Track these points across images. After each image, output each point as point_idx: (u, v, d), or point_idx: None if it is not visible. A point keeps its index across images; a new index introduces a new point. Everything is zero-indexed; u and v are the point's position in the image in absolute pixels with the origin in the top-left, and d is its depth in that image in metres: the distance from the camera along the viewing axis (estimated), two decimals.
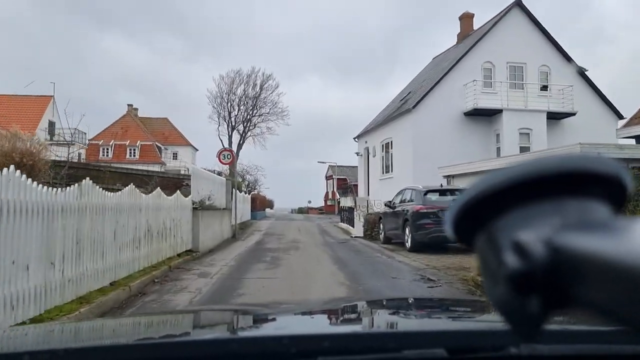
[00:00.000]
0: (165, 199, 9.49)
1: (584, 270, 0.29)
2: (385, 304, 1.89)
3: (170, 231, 9.80)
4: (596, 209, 0.35)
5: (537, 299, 0.32)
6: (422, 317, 1.52)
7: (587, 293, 0.30)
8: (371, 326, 1.41)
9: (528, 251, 0.32)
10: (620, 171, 0.36)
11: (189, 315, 1.79)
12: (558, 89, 21.48)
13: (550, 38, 22.17)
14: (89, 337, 1.30)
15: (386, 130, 24.49)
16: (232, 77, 60.77)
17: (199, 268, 9.47)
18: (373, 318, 1.54)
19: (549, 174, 0.35)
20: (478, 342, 0.90)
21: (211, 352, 0.90)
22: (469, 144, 20.62)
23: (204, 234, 12.40)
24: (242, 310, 1.78)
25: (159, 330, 1.40)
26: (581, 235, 0.31)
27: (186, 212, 11.25)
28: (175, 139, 59.69)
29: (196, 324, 1.54)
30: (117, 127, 59.12)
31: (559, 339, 0.88)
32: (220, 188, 16.08)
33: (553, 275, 0.31)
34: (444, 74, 21.64)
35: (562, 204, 0.35)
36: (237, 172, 51.88)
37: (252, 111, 61.55)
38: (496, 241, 0.35)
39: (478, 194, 0.37)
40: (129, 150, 56.83)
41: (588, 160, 0.36)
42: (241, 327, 1.43)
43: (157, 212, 8.90)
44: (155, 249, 8.74)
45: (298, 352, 0.85)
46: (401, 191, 14.92)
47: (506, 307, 0.34)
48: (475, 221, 0.37)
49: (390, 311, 1.65)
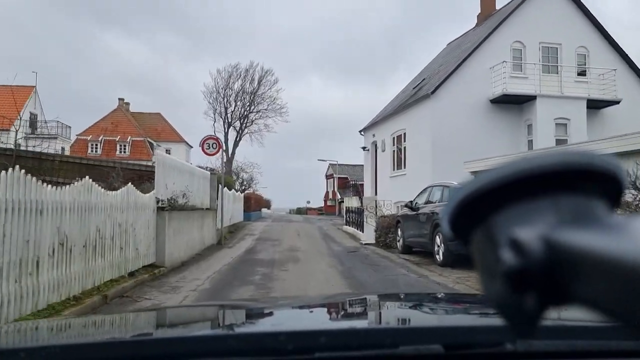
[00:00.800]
0: (102, 194, 6.54)
1: (580, 267, 0.30)
2: (383, 300, 1.89)
3: (113, 241, 6.85)
4: (593, 206, 0.36)
5: (533, 295, 0.32)
6: (419, 313, 1.55)
7: (583, 289, 0.30)
8: (368, 322, 1.44)
9: (524, 248, 0.32)
10: (616, 168, 0.37)
11: (186, 311, 1.88)
12: (598, 73, 18.59)
13: (589, 15, 19.28)
14: (80, 334, 1.28)
15: (398, 121, 21.55)
16: (230, 72, 58.14)
17: (153, 296, 6.53)
18: (370, 314, 1.58)
19: (546, 171, 0.35)
20: (474, 338, 0.90)
21: (207, 348, 0.89)
22: (495, 135, 17.70)
23: (174, 242, 9.43)
24: (238, 306, 1.83)
25: (155, 327, 1.44)
26: (577, 232, 0.31)
27: (145, 214, 8.30)
28: (168, 135, 56.62)
29: (192, 320, 1.53)
30: (107, 122, 56.23)
31: (555, 335, 0.88)
32: (202, 183, 13.13)
33: (549, 272, 0.31)
34: (467, 55, 18.71)
35: (558, 200, 0.35)
36: (233, 170, 49.61)
37: (249, 107, 59.08)
38: (493, 238, 0.36)
39: (475, 191, 0.37)
40: (119, 147, 53.90)
41: (584, 157, 0.36)
42: (237, 323, 1.43)
43: (84, 214, 5.96)
44: (77, 271, 5.78)
45: (295, 348, 0.85)
46: (426, 189, 12.01)
47: (502, 303, 0.34)
48: (472, 218, 0.37)
49: (388, 307, 1.67)
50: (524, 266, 0.32)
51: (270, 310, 1.58)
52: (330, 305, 1.68)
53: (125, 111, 57.78)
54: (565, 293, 0.32)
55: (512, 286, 0.32)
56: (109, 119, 56.37)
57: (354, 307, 1.66)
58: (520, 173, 0.35)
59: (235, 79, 58.51)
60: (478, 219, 0.37)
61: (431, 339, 0.88)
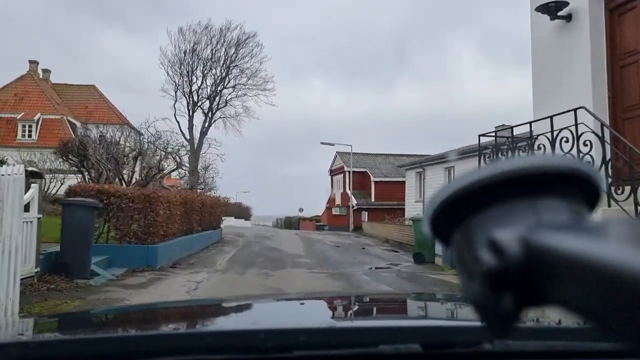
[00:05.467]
0: None
1: (557, 269, 0.30)
2: (364, 299, 1.94)
3: None
4: (571, 209, 0.36)
5: (511, 296, 0.33)
6: (399, 313, 1.60)
7: (560, 291, 0.31)
8: (348, 320, 1.44)
9: (503, 249, 0.33)
10: (594, 172, 0.38)
11: (170, 308, 1.80)
12: None
13: None
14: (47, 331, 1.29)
15: None
16: (198, 35, 40.97)
17: None
18: (351, 313, 1.58)
19: (524, 174, 0.36)
20: (453, 338, 0.92)
21: (186, 345, 0.90)
22: None
23: None
24: (218, 302, 1.88)
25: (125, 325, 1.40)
26: (555, 234, 0.32)
27: None
28: (104, 116, 38.30)
29: (176, 317, 1.51)
30: (10, 92, 38.34)
31: (532, 336, 0.90)
32: None
33: (527, 273, 0.32)
34: None
35: (538, 203, 0.36)
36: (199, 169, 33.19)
37: (223, 82, 41.65)
38: (472, 239, 0.36)
39: (455, 192, 0.37)
40: (22, 128, 36.21)
41: (564, 161, 0.37)
42: (216, 320, 1.44)
43: None
44: None
45: (274, 346, 0.86)
46: None
47: (480, 303, 0.34)
48: (452, 219, 0.38)
49: (368, 306, 1.73)
50: (501, 267, 0.32)
51: (251, 308, 1.60)
52: (311, 304, 1.70)
53: (40, 80, 40.17)
54: (543, 294, 0.32)
55: (489, 286, 0.32)
56: (12, 89, 38.66)
57: (335, 305, 1.67)
58: (500, 175, 0.36)
59: (206, 44, 41.25)
60: (458, 220, 0.37)
61: (410, 338, 0.89)
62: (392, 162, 34.21)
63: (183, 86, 40.74)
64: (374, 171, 33.90)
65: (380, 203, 31.97)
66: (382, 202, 31.98)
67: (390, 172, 33.14)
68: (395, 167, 31.61)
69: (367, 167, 34.58)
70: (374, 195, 33.06)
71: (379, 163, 35.05)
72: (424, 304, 1.73)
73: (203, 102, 41.36)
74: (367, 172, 34.06)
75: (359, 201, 32.71)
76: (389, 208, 29.83)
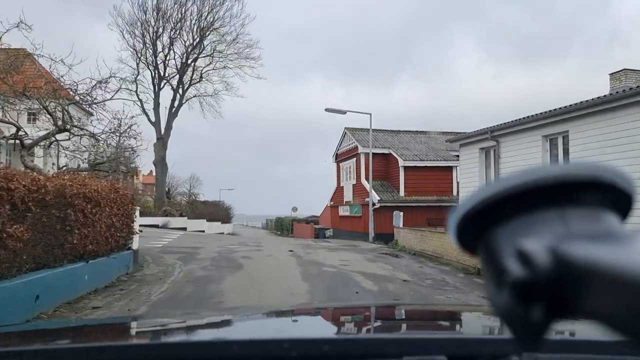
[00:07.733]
0: None
1: (587, 280, 0.30)
2: (388, 310, 1.91)
3: None
4: (601, 218, 0.36)
5: (540, 307, 0.32)
6: (423, 324, 1.60)
7: (590, 303, 0.30)
8: (372, 331, 1.42)
9: (532, 259, 0.32)
10: (626, 180, 0.37)
11: (168, 319, 1.80)
12: None
13: None
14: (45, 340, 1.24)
15: None
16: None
17: None
18: (375, 323, 1.56)
19: (554, 182, 0.36)
20: (479, 350, 0.89)
21: (200, 355, 0.90)
22: None
23: None
24: (232, 312, 1.98)
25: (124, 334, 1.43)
26: (586, 245, 0.31)
27: None
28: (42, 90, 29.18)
29: (173, 328, 1.49)
30: None
31: (561, 349, 0.88)
32: None
33: (556, 284, 0.31)
34: None
35: (567, 212, 0.36)
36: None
37: (196, 50, 32.78)
38: (500, 249, 0.36)
39: (480, 202, 0.37)
40: None
41: (593, 169, 0.36)
42: (235, 330, 1.43)
43: None
44: None
45: (299, 355, 0.85)
46: None
47: (509, 315, 0.34)
48: (478, 229, 0.37)
49: (392, 317, 1.68)
50: (530, 277, 0.32)
51: (271, 317, 1.63)
52: (334, 314, 1.70)
53: None
54: (572, 306, 0.31)
55: (518, 297, 0.32)
56: None
57: (360, 316, 1.67)
58: (525, 185, 0.36)
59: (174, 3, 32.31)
60: (484, 230, 0.37)
61: (435, 350, 0.87)
62: (426, 142, 24.74)
63: (146, 56, 31.61)
64: (403, 152, 24.17)
65: (414, 199, 22.56)
66: (416, 197, 22.61)
67: (427, 153, 23.67)
68: (430, 147, 22.20)
69: (391, 147, 24.82)
70: (403, 187, 23.50)
71: (407, 142, 25.40)
72: (449, 315, 1.73)
73: (171, 76, 32.33)
74: (391, 153, 24.19)
75: (382, 196, 23.18)
76: (428, 206, 20.50)
